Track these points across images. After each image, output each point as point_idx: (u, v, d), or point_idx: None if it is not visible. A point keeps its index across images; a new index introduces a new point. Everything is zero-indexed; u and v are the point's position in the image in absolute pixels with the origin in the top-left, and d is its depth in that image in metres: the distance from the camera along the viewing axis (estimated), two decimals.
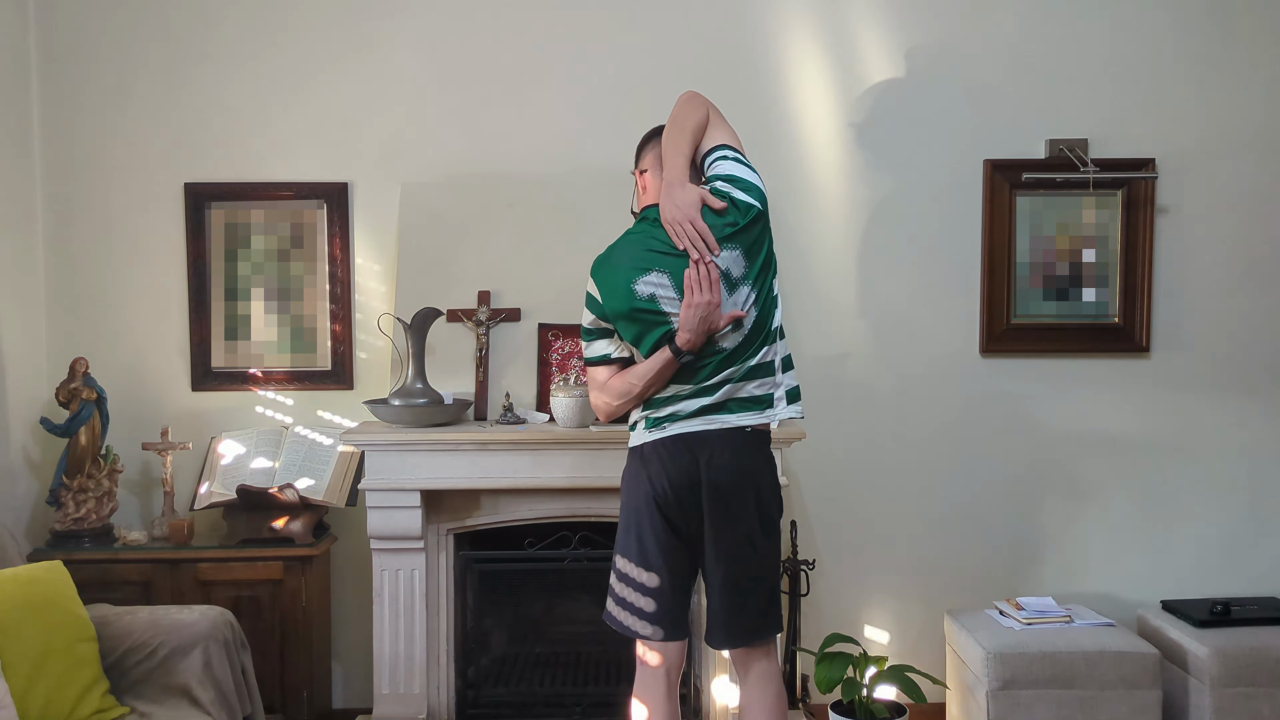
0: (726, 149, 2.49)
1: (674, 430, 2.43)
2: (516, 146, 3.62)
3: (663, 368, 2.41)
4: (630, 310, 2.44)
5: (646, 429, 2.48)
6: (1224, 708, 3.19)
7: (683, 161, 2.45)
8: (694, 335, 2.36)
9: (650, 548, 2.46)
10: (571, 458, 3.19)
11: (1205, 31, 3.60)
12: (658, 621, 2.49)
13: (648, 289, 2.41)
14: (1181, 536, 3.68)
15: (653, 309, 2.41)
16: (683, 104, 2.55)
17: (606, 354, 2.53)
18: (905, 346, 3.66)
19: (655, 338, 2.42)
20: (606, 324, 2.51)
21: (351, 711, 3.56)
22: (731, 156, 2.48)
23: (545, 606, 3.75)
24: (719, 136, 2.51)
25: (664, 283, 2.40)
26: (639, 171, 2.62)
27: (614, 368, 2.51)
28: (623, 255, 2.49)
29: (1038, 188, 3.60)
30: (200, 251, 3.62)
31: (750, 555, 2.45)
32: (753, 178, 2.46)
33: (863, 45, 3.61)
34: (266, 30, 3.61)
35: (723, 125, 2.54)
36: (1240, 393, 3.65)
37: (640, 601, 2.49)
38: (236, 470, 3.45)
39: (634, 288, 2.43)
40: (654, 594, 2.48)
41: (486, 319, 3.44)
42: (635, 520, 2.48)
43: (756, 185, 2.45)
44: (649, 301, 2.41)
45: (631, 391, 2.46)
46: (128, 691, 2.73)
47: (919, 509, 3.68)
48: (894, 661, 3.41)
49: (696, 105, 2.54)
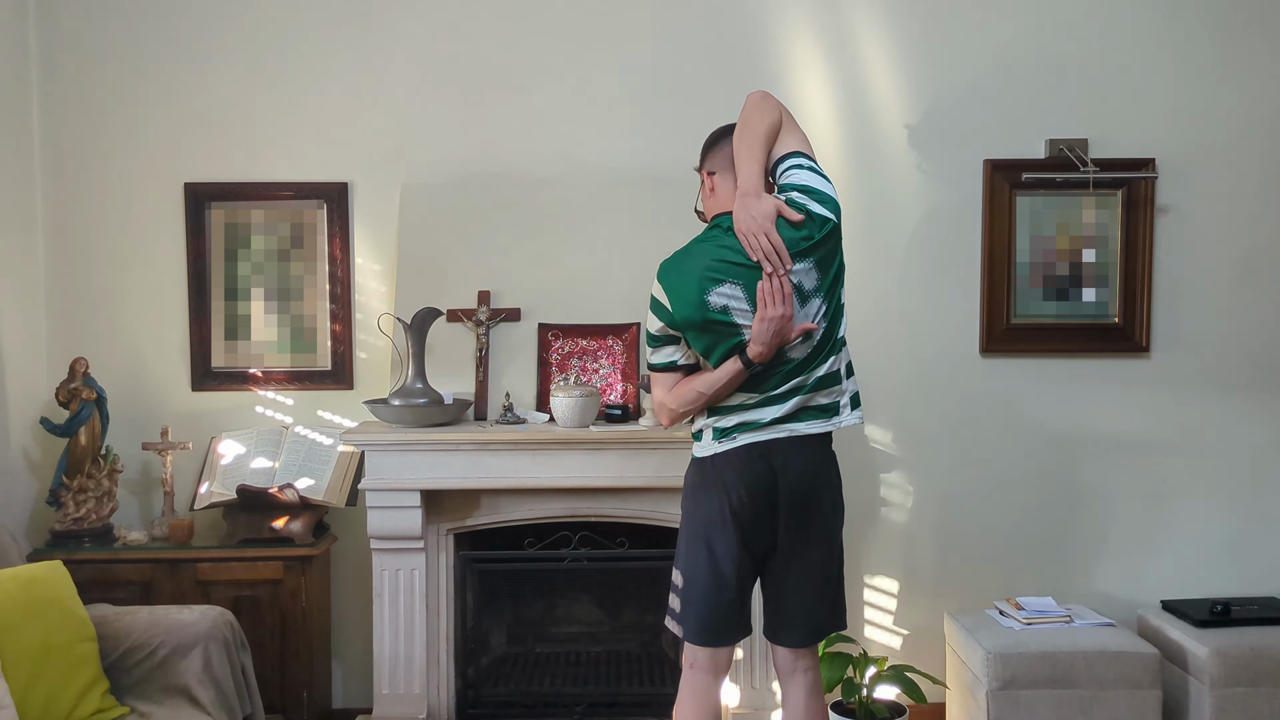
0: (801, 156, 2.45)
1: (745, 440, 2.40)
2: (516, 146, 3.62)
3: (732, 378, 2.38)
4: (703, 321, 2.38)
5: (715, 440, 2.43)
6: (1224, 708, 3.19)
7: (757, 169, 2.41)
8: (766, 348, 2.33)
9: (723, 557, 2.42)
10: (571, 458, 3.19)
11: (1205, 31, 3.60)
12: (730, 628, 2.49)
13: (721, 300, 2.36)
14: (1181, 536, 3.67)
15: (725, 320, 2.37)
16: (754, 105, 2.48)
17: (673, 360, 2.47)
18: (905, 346, 3.66)
19: (726, 348, 2.38)
20: (674, 331, 2.45)
21: (351, 711, 3.56)
22: (806, 165, 2.43)
23: (545, 606, 3.75)
24: (792, 142, 2.47)
25: (737, 294, 2.36)
26: (707, 172, 2.54)
27: (679, 374, 2.47)
28: (696, 264, 2.41)
29: (1038, 188, 3.60)
30: (200, 251, 3.62)
31: (828, 556, 2.49)
32: (828, 188, 2.42)
33: (862, 45, 3.62)
34: (266, 30, 3.61)
35: (795, 129, 2.49)
36: (1240, 393, 3.65)
37: (703, 610, 2.46)
38: (236, 470, 3.45)
39: (707, 299, 2.37)
40: (726, 604, 2.45)
41: (486, 319, 3.44)
42: (704, 531, 2.44)
43: (832, 197, 2.41)
44: (722, 313, 2.36)
45: (698, 401, 2.43)
46: (128, 691, 2.73)
47: (919, 508, 3.68)
48: (894, 661, 3.41)
49: (769, 108, 2.47)
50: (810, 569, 2.47)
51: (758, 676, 3.27)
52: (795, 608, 2.49)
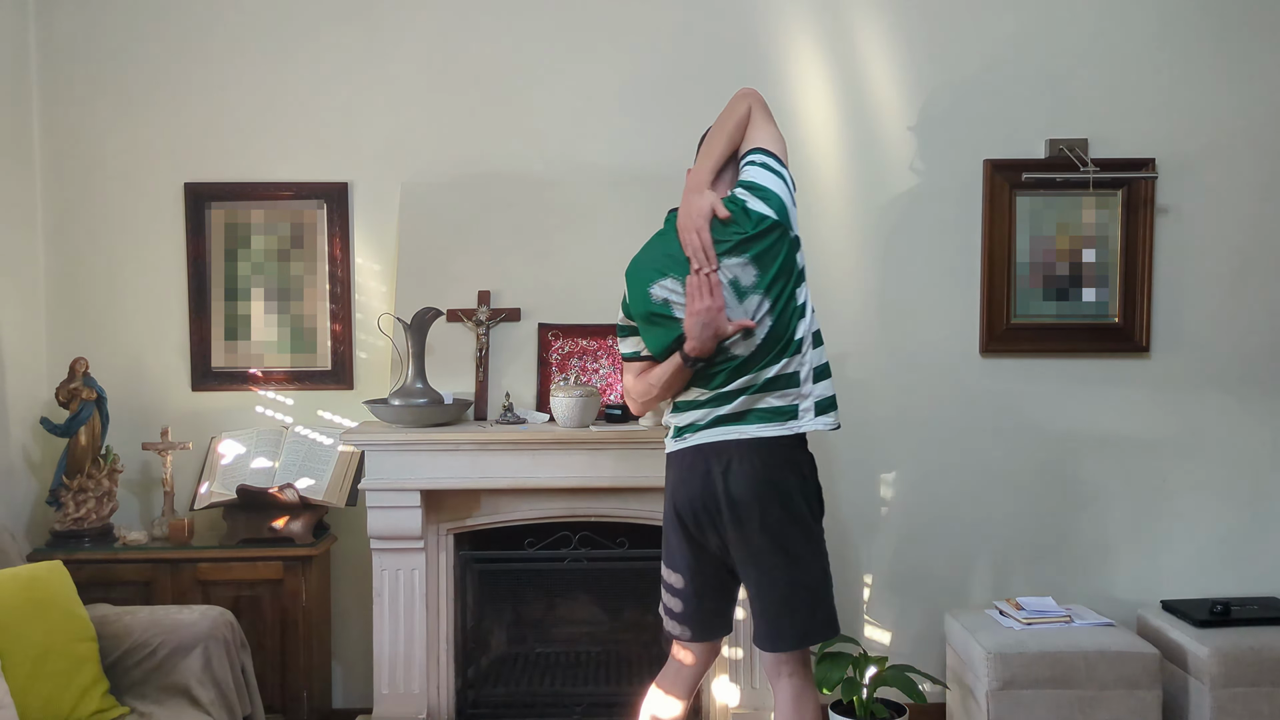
0: (760, 153, 2.44)
1: (692, 441, 2.43)
2: (516, 146, 3.62)
3: (675, 372, 2.42)
4: (647, 313, 2.44)
5: (673, 438, 2.49)
6: (1224, 708, 3.19)
7: (709, 165, 2.45)
8: (698, 342, 2.35)
9: (675, 552, 2.51)
10: (571, 458, 3.19)
11: (1205, 31, 3.60)
12: (685, 622, 2.54)
13: (662, 293, 2.41)
14: (1181, 536, 3.68)
15: (666, 314, 2.41)
16: (730, 102, 2.54)
17: (636, 351, 2.55)
18: (905, 346, 3.66)
19: (667, 342, 2.42)
20: (632, 322, 2.54)
21: (351, 711, 3.56)
22: (759, 162, 2.43)
23: (545, 606, 3.75)
24: (758, 138, 2.47)
25: (677, 289, 2.40)
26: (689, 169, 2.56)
27: (647, 364, 2.53)
28: (646, 258, 2.50)
29: (1038, 188, 3.60)
30: (200, 251, 3.62)
31: (789, 564, 2.42)
32: (775, 185, 2.40)
33: (863, 45, 3.62)
34: (266, 30, 3.61)
35: (764, 124, 2.49)
36: (1240, 392, 3.65)
37: (671, 601, 2.55)
38: (236, 470, 3.46)
39: (650, 291, 2.43)
40: (680, 596, 2.53)
41: (486, 319, 3.44)
42: (665, 525, 2.55)
43: (776, 194, 2.39)
44: (663, 306, 2.41)
45: (650, 393, 2.50)
46: (128, 691, 2.73)
47: (919, 508, 3.68)
48: (894, 661, 3.41)
49: (738, 103, 2.51)
50: (768, 575, 2.42)
51: (758, 676, 3.27)
52: (759, 612, 2.48)
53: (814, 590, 2.45)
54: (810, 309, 2.45)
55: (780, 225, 2.38)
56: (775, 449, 2.40)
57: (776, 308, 2.39)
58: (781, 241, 2.39)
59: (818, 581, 2.46)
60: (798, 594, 2.43)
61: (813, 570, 2.45)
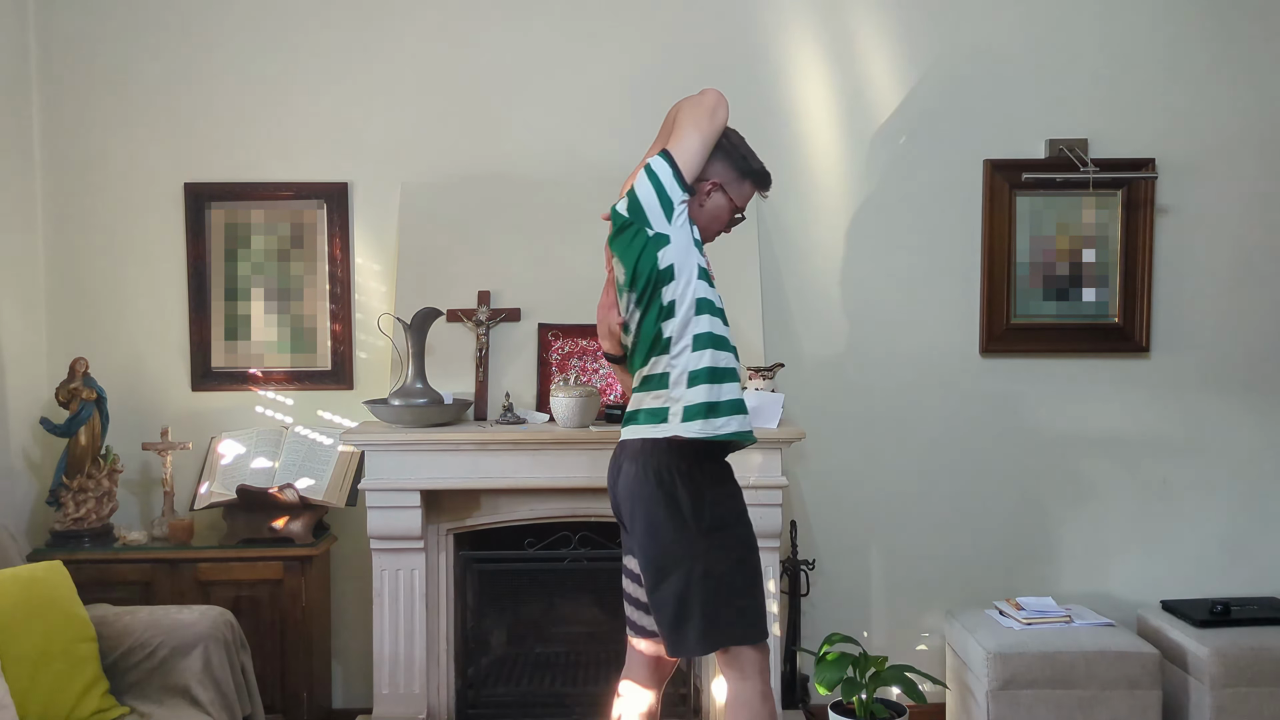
0: (656, 156, 2.42)
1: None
2: (516, 146, 3.62)
3: (618, 370, 2.63)
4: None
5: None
6: (1224, 708, 3.19)
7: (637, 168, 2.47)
8: (600, 339, 2.55)
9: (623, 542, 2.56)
10: (571, 458, 3.19)
11: (1205, 31, 3.60)
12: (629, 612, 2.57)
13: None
14: (1181, 536, 3.68)
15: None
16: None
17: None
18: (905, 347, 3.66)
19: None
20: None
21: (351, 711, 3.56)
22: (646, 165, 2.42)
23: (545, 606, 3.75)
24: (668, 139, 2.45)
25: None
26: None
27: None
28: None
29: (1038, 188, 3.60)
30: (200, 251, 3.62)
31: (651, 569, 2.38)
32: (640, 184, 2.38)
33: (863, 45, 3.61)
34: (266, 30, 3.61)
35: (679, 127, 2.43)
36: (1240, 392, 3.65)
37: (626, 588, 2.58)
38: (236, 470, 3.45)
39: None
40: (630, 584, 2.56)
41: (486, 319, 3.44)
42: None
43: (635, 192, 2.39)
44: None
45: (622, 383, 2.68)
46: (128, 691, 2.73)
47: (919, 509, 3.68)
48: (894, 661, 3.41)
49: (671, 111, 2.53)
50: (647, 577, 2.40)
51: None
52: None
53: (684, 601, 2.34)
54: (689, 308, 2.35)
55: (633, 223, 2.38)
56: (655, 452, 2.37)
57: (643, 305, 2.39)
58: (638, 239, 2.37)
59: (688, 592, 2.34)
60: (667, 603, 2.37)
61: (682, 581, 2.34)
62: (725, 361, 2.39)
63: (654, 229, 2.37)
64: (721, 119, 2.44)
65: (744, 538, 2.43)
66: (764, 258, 3.59)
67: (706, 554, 2.35)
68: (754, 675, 2.41)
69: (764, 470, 3.16)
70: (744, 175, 2.49)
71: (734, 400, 2.40)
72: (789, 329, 3.64)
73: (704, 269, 2.41)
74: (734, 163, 2.48)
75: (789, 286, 3.65)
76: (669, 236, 2.36)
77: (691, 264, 2.37)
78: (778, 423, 3.19)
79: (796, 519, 3.59)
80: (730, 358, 2.41)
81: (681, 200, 2.38)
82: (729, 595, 2.36)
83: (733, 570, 2.38)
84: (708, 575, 2.34)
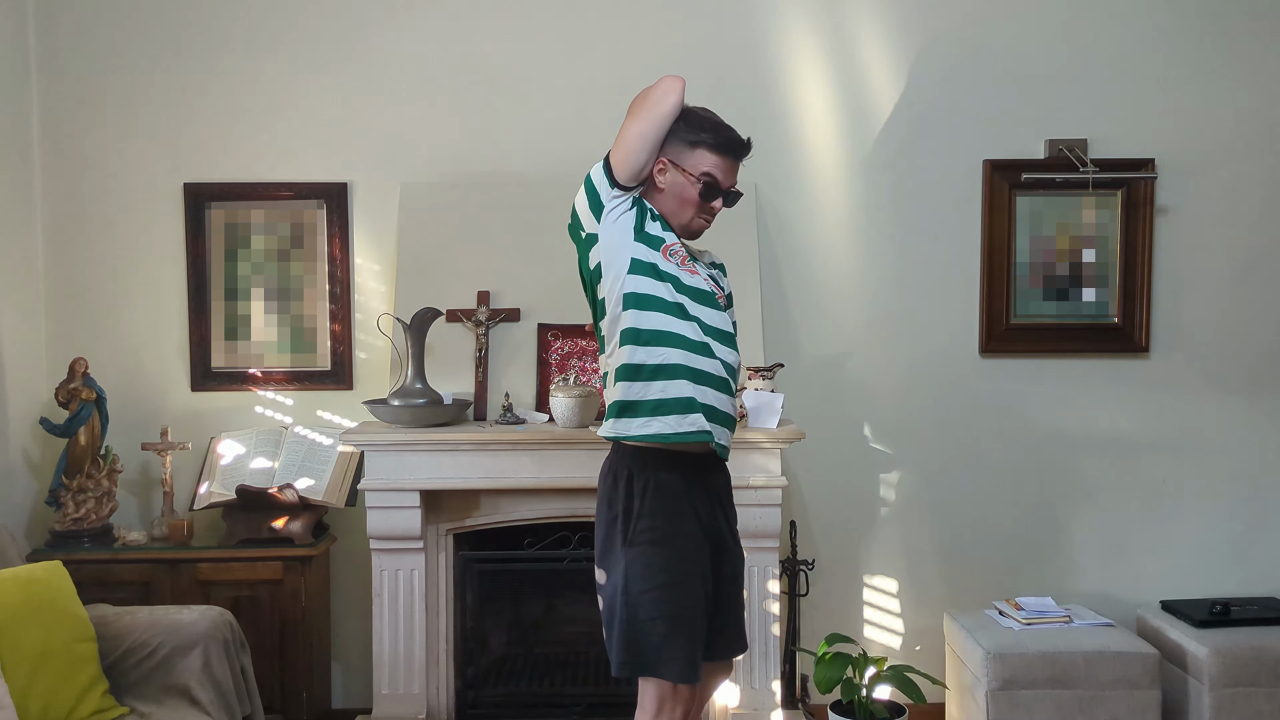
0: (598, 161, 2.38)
1: None
2: (516, 146, 3.62)
3: None
4: None
5: None
6: (1224, 708, 3.19)
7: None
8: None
9: None
10: (571, 458, 3.19)
11: (1205, 31, 3.60)
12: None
13: None
14: (1181, 536, 3.67)
15: None
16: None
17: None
18: (905, 346, 3.66)
19: None
20: None
21: (351, 711, 3.56)
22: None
23: (545, 606, 3.75)
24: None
25: None
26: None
27: None
28: None
29: (1037, 188, 3.60)
30: (200, 251, 3.62)
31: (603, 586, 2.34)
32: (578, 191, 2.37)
33: (863, 45, 3.61)
34: (266, 30, 3.61)
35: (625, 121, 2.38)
36: (1240, 392, 3.65)
37: None
38: (236, 470, 3.45)
39: None
40: None
41: (486, 319, 3.44)
42: None
43: (575, 200, 2.38)
44: None
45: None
46: (127, 691, 2.73)
47: (919, 509, 3.68)
48: (894, 661, 3.41)
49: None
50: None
51: (757, 677, 3.27)
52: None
53: (606, 619, 2.31)
54: (616, 304, 2.30)
55: (574, 229, 2.40)
56: (609, 458, 2.38)
57: (591, 306, 2.42)
58: (578, 243, 2.40)
59: (609, 609, 2.29)
60: (603, 613, 2.32)
61: (606, 594, 2.31)
62: (658, 358, 2.26)
63: (585, 230, 2.36)
64: (670, 104, 2.32)
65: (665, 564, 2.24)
66: (764, 257, 3.59)
67: (627, 567, 2.26)
68: (648, 710, 2.28)
69: (764, 470, 3.16)
70: (693, 145, 2.35)
71: (665, 400, 2.25)
72: (789, 329, 3.64)
73: (646, 263, 2.29)
74: (679, 135, 2.36)
75: (789, 286, 3.65)
76: (598, 235, 2.34)
77: (622, 259, 2.30)
78: (778, 423, 3.19)
79: (796, 519, 3.59)
80: (671, 354, 2.26)
81: (614, 196, 2.31)
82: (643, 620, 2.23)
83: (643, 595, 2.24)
84: (627, 590, 2.25)
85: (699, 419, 2.26)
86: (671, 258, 2.33)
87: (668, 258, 2.33)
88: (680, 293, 2.30)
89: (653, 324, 2.27)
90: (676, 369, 2.26)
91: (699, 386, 2.27)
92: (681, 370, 2.26)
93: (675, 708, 2.28)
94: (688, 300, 2.31)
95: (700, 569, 2.30)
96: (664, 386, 2.26)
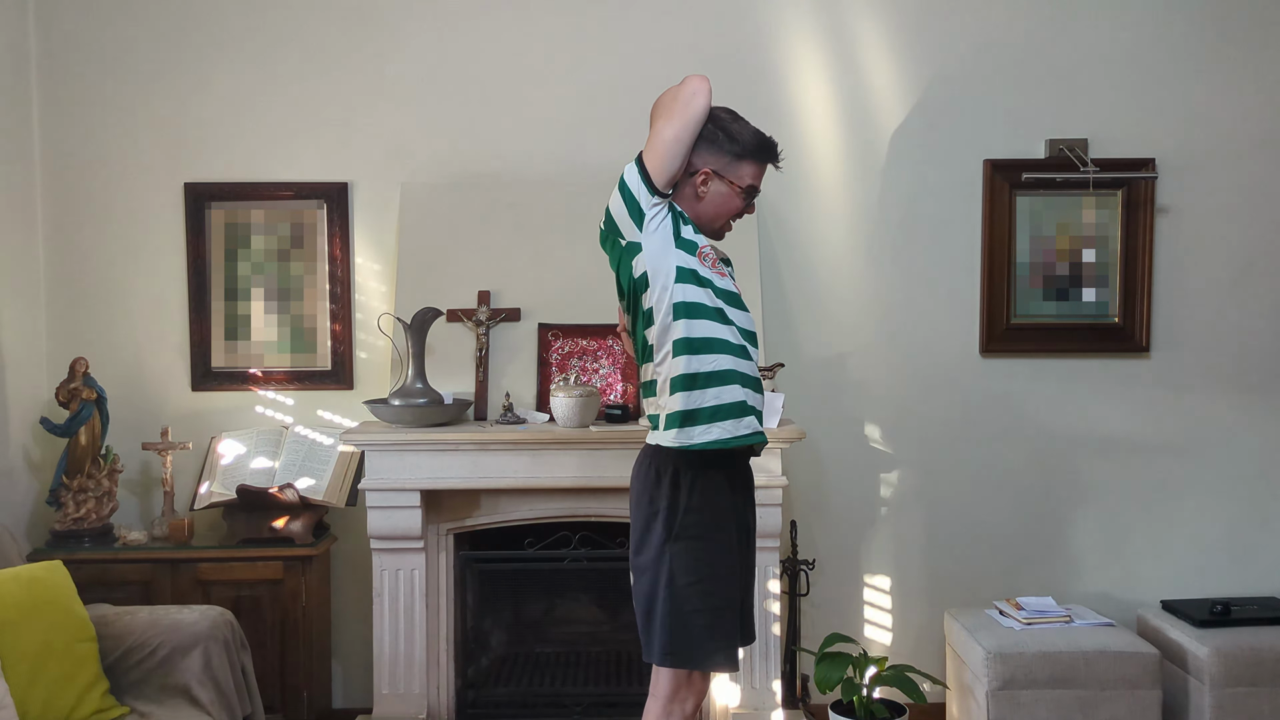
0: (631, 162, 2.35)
1: None
2: (516, 146, 3.62)
3: None
4: None
5: None
6: (1224, 708, 3.19)
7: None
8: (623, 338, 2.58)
9: None
10: (571, 458, 3.19)
11: (1205, 31, 3.60)
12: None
13: None
14: (1182, 536, 3.67)
15: None
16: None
17: None
18: (905, 346, 3.66)
19: None
20: None
21: (351, 711, 3.56)
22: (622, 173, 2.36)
23: (545, 606, 3.75)
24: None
25: None
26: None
27: None
28: None
29: (1038, 188, 3.60)
30: (200, 251, 3.62)
31: (632, 570, 2.40)
32: (612, 195, 2.35)
33: (863, 46, 3.61)
34: (267, 30, 3.61)
35: (652, 122, 2.38)
36: (1240, 392, 3.65)
37: None
38: (236, 470, 3.45)
39: None
40: None
41: (486, 319, 3.44)
42: None
43: (609, 204, 2.36)
44: None
45: None
46: (128, 691, 2.73)
47: (919, 509, 3.68)
48: (894, 661, 3.41)
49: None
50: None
51: (757, 676, 3.27)
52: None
53: (645, 610, 2.36)
54: (665, 314, 2.31)
55: (609, 234, 2.38)
56: (650, 455, 2.39)
57: (631, 313, 2.40)
58: (615, 249, 2.38)
59: (649, 600, 2.34)
60: (639, 604, 2.38)
61: (645, 587, 2.35)
62: (710, 365, 2.30)
63: (626, 238, 2.34)
64: (699, 105, 2.31)
65: (710, 558, 2.32)
66: (764, 257, 3.59)
67: (672, 560, 2.30)
68: (662, 697, 2.36)
69: (765, 470, 3.16)
70: (739, 157, 2.37)
71: (720, 406, 2.30)
72: (789, 329, 3.64)
73: (688, 270, 2.32)
74: (722, 147, 2.37)
75: (789, 286, 3.65)
76: (640, 244, 2.33)
77: (668, 267, 2.31)
78: (778, 423, 3.19)
79: (797, 519, 3.59)
80: (722, 360, 2.31)
81: (654, 204, 2.31)
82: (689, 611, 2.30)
83: (688, 588, 2.30)
84: (672, 583, 2.30)
85: (752, 421, 2.35)
86: (705, 261, 2.37)
87: (703, 262, 2.36)
88: (718, 297, 2.36)
89: (703, 331, 2.32)
90: (728, 374, 2.32)
91: (746, 390, 2.35)
92: (733, 375, 2.32)
93: (689, 697, 2.37)
94: (724, 304, 2.36)
95: (737, 562, 2.40)
96: (719, 393, 2.31)
